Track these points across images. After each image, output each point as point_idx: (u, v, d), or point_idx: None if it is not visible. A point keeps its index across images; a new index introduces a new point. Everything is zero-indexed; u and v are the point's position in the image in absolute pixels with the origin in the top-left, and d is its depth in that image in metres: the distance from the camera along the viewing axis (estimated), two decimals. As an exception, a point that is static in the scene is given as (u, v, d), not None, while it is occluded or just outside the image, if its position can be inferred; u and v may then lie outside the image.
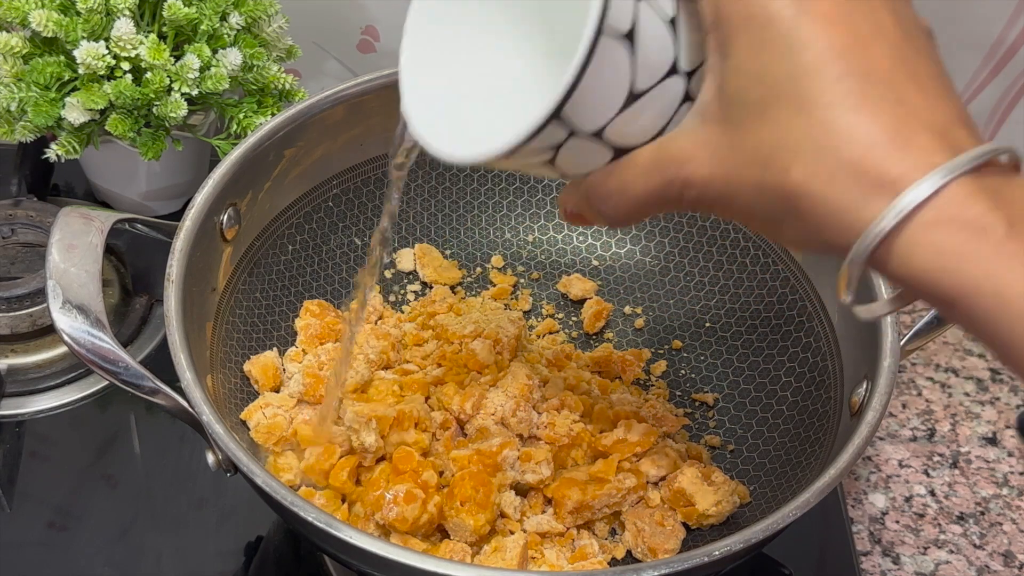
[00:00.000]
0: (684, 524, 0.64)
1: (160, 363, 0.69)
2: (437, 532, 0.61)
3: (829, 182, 0.35)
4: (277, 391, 0.67)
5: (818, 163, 0.35)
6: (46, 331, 0.77)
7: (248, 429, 0.64)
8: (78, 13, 0.73)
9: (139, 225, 0.64)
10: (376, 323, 0.73)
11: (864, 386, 0.60)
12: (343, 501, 0.62)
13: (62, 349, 0.77)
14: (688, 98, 0.40)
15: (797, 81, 0.35)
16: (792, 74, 0.35)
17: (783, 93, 0.36)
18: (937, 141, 0.35)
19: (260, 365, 0.67)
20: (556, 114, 0.37)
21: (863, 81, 0.35)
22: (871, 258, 0.35)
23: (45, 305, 0.61)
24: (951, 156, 0.34)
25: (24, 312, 0.76)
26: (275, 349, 0.69)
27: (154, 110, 0.75)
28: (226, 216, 0.65)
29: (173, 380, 0.57)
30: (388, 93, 0.73)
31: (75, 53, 0.72)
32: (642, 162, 0.40)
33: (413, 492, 0.58)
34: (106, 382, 0.65)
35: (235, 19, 0.78)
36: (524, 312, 0.77)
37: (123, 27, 0.72)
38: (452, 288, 0.77)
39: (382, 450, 0.62)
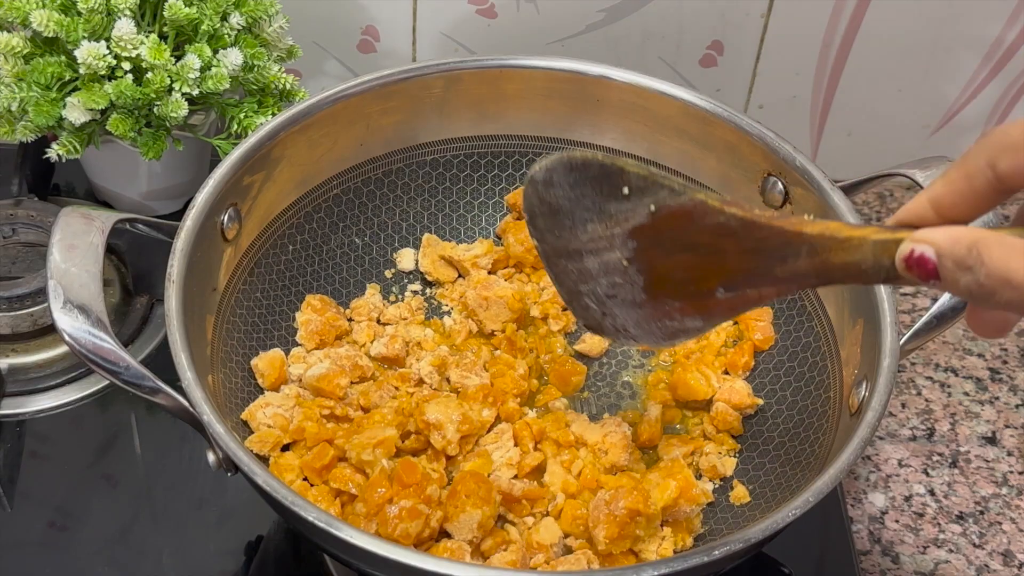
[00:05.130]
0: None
1: (161, 363, 0.69)
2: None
3: None
4: (278, 390, 0.67)
5: None
6: (47, 331, 0.77)
7: (251, 431, 0.64)
8: (79, 13, 0.73)
9: (140, 225, 0.65)
10: (377, 321, 0.73)
11: (864, 386, 0.60)
12: (335, 497, 0.62)
13: (63, 349, 0.77)
14: None
15: None
16: None
17: None
18: None
19: (267, 359, 0.67)
20: None
21: None
22: None
23: (46, 305, 0.61)
24: None
25: (25, 312, 0.76)
26: (277, 349, 0.69)
27: (155, 110, 0.75)
28: (227, 216, 0.65)
29: (174, 380, 0.57)
30: (388, 93, 0.73)
31: (76, 53, 0.72)
32: None
33: (417, 508, 0.58)
34: (106, 382, 0.65)
35: (236, 19, 0.78)
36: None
37: (124, 27, 0.72)
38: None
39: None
